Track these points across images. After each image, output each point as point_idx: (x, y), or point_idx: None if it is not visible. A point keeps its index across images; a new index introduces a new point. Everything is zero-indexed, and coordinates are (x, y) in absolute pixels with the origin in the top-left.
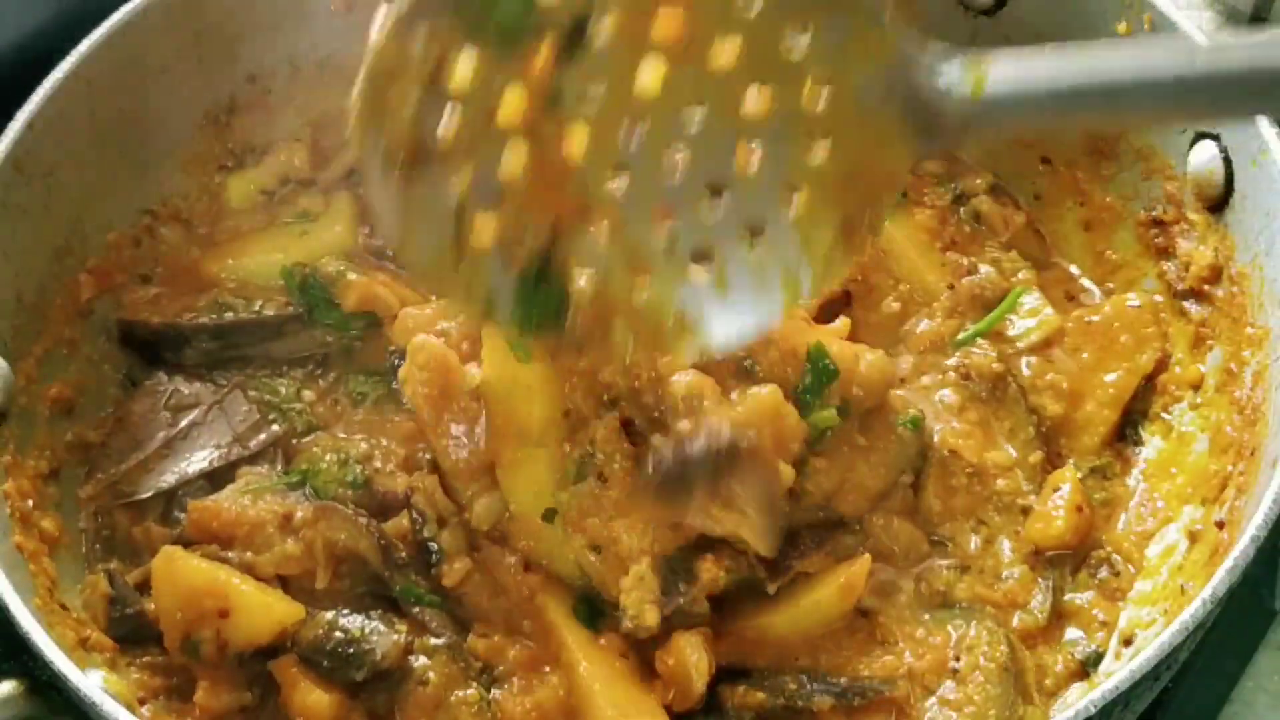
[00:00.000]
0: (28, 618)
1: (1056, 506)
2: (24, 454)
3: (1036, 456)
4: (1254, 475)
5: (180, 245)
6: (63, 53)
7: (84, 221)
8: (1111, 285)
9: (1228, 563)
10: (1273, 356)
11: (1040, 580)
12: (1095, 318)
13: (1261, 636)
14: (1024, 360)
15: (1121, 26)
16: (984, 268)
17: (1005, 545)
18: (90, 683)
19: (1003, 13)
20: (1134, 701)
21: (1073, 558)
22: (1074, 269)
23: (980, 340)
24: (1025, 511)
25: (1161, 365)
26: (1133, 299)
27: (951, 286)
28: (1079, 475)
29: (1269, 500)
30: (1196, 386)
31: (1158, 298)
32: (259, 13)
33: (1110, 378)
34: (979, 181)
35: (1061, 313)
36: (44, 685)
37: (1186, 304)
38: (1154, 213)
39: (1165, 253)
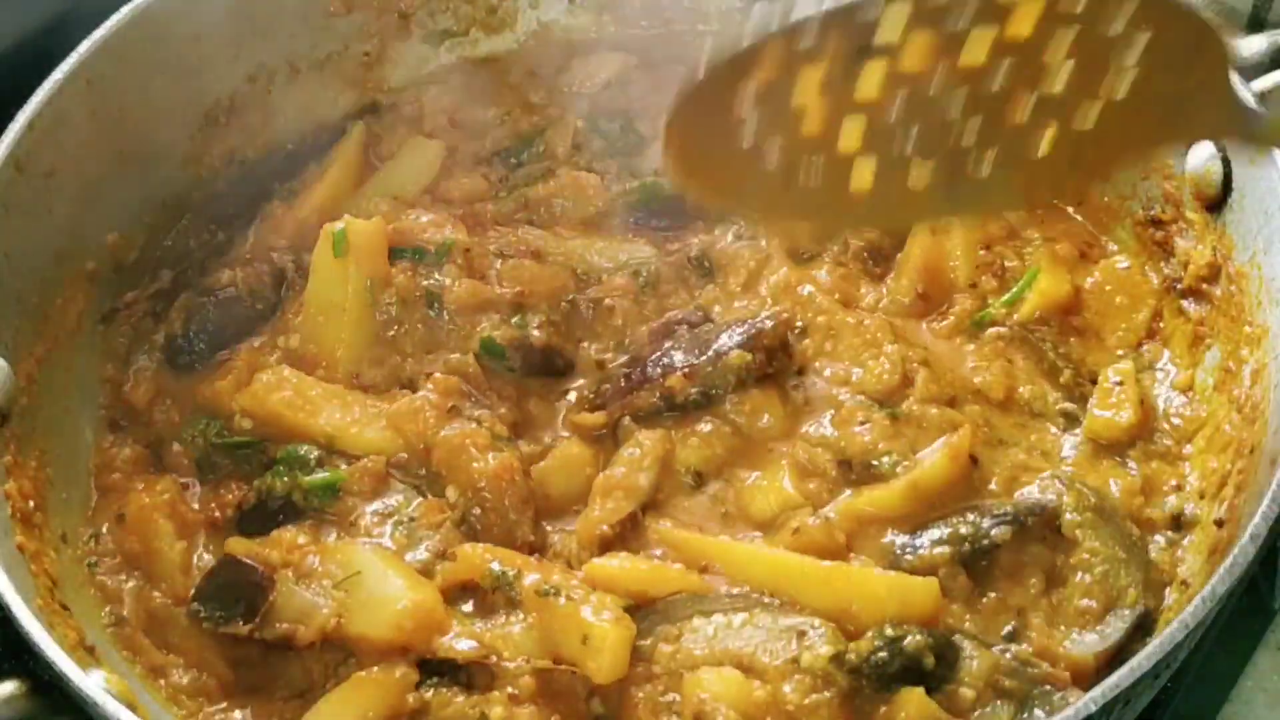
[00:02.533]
0: (29, 618)
1: (1121, 400)
2: (25, 454)
3: (1066, 376)
4: (1253, 473)
5: None
6: (63, 53)
7: (84, 222)
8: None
9: (1227, 561)
10: (1271, 355)
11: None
12: (1089, 282)
13: (1261, 636)
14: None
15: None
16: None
17: (1055, 442)
18: (91, 683)
19: None
20: (1134, 700)
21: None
22: (1090, 227)
23: None
24: (1067, 416)
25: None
26: (1122, 261)
27: (974, 285)
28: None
29: (1269, 499)
30: (1193, 386)
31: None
32: (259, 13)
33: (1114, 338)
34: None
35: (1075, 270)
36: (45, 685)
37: (1185, 303)
38: (1152, 212)
39: (1164, 252)
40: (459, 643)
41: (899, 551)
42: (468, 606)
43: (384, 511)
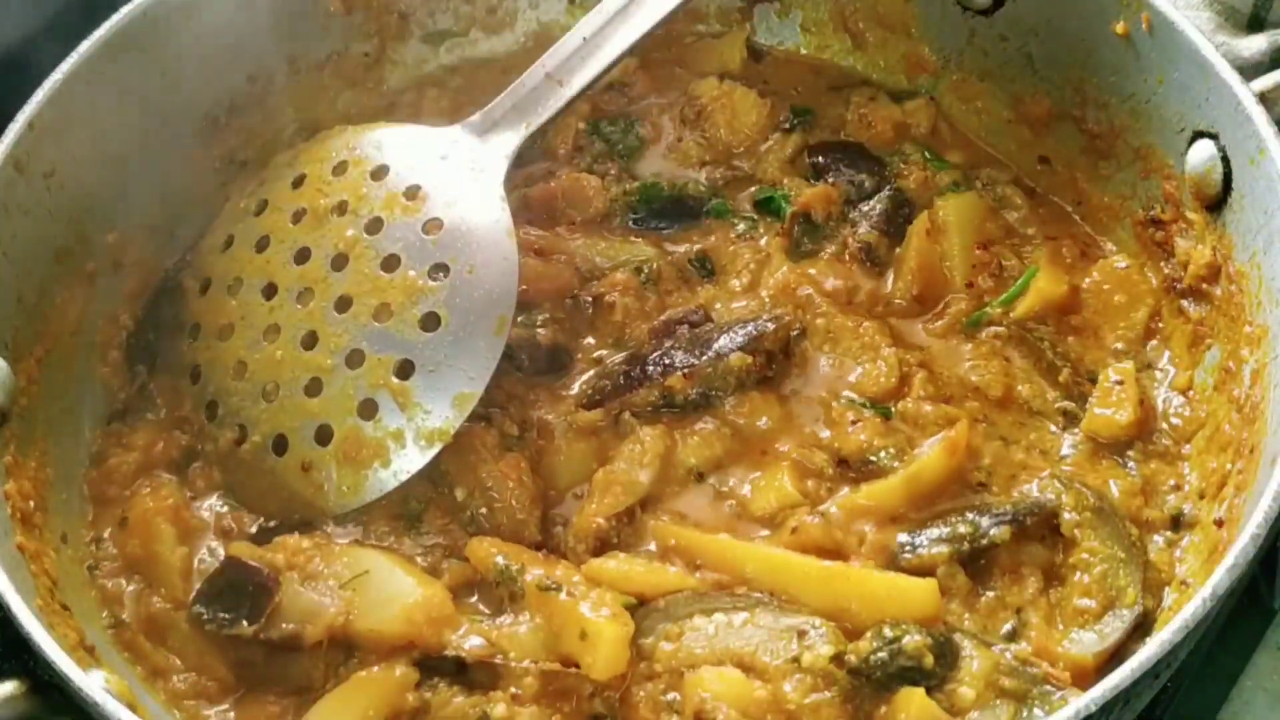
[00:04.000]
0: (29, 618)
1: (1121, 400)
2: (25, 454)
3: (1065, 374)
4: (1253, 473)
5: None
6: (63, 53)
7: (84, 222)
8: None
9: (1227, 560)
10: (1271, 355)
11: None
12: (1087, 282)
13: (1261, 636)
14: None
15: (1119, 26)
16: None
17: (1054, 441)
18: (92, 682)
19: (1000, 13)
20: (1134, 700)
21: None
22: (1089, 228)
23: None
24: (1066, 415)
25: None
26: (1120, 261)
27: (970, 284)
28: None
29: (1268, 498)
30: (1192, 386)
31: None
32: (259, 13)
33: (1113, 336)
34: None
35: (1074, 272)
36: (45, 685)
37: (1185, 303)
38: (1152, 212)
39: (1164, 251)
40: (468, 640)
41: (898, 550)
42: (474, 601)
43: (391, 513)
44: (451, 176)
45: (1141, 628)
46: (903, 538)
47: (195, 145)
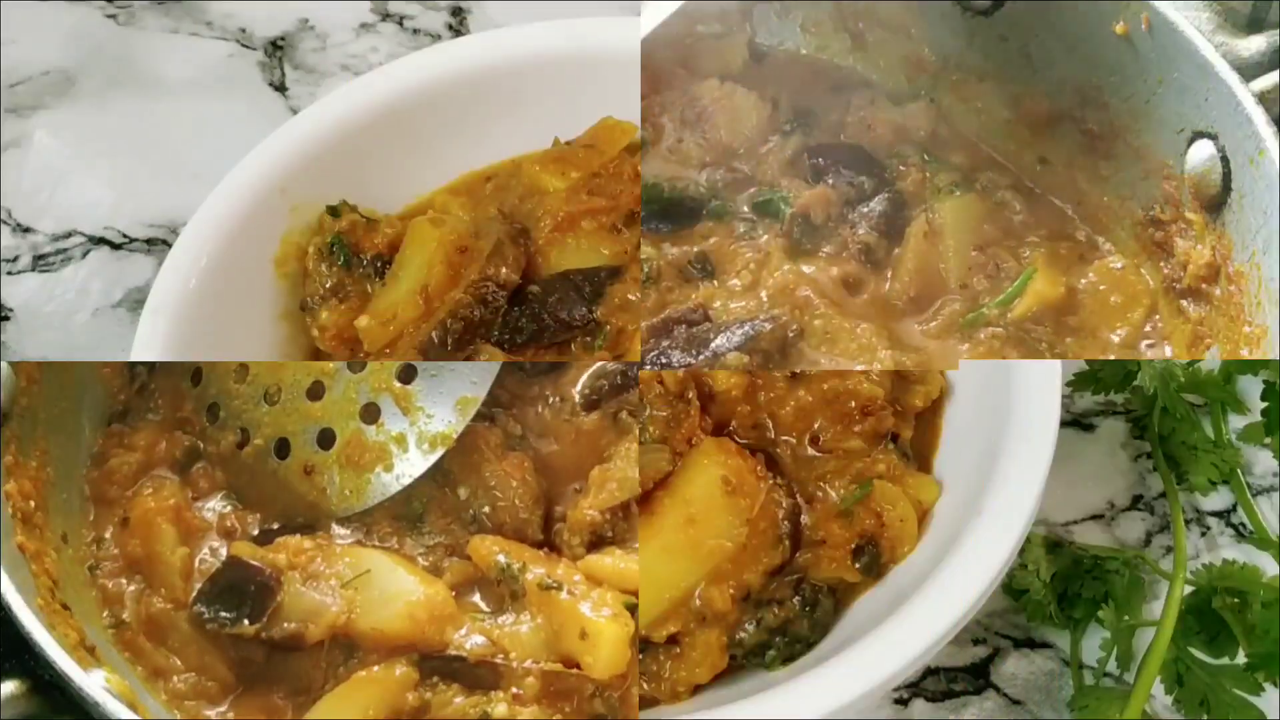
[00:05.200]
0: (29, 618)
1: None
2: (25, 454)
3: None
4: None
5: None
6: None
7: None
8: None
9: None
10: (1270, 355)
11: None
12: (1083, 282)
13: None
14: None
15: (1119, 27)
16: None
17: None
18: (92, 682)
19: (1000, 13)
20: None
21: None
22: (1089, 229)
23: None
24: None
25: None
26: (1115, 262)
27: (964, 286)
28: None
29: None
30: None
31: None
32: None
33: (1109, 338)
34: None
35: (1072, 273)
36: (46, 685)
37: (1184, 303)
38: (1152, 212)
39: (1163, 252)
40: (470, 639)
41: None
42: (475, 599)
43: (393, 513)
44: None
45: None
46: None
47: None
